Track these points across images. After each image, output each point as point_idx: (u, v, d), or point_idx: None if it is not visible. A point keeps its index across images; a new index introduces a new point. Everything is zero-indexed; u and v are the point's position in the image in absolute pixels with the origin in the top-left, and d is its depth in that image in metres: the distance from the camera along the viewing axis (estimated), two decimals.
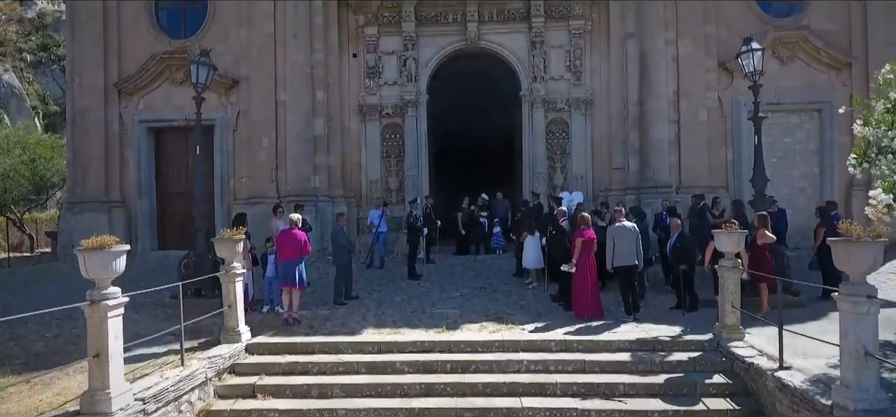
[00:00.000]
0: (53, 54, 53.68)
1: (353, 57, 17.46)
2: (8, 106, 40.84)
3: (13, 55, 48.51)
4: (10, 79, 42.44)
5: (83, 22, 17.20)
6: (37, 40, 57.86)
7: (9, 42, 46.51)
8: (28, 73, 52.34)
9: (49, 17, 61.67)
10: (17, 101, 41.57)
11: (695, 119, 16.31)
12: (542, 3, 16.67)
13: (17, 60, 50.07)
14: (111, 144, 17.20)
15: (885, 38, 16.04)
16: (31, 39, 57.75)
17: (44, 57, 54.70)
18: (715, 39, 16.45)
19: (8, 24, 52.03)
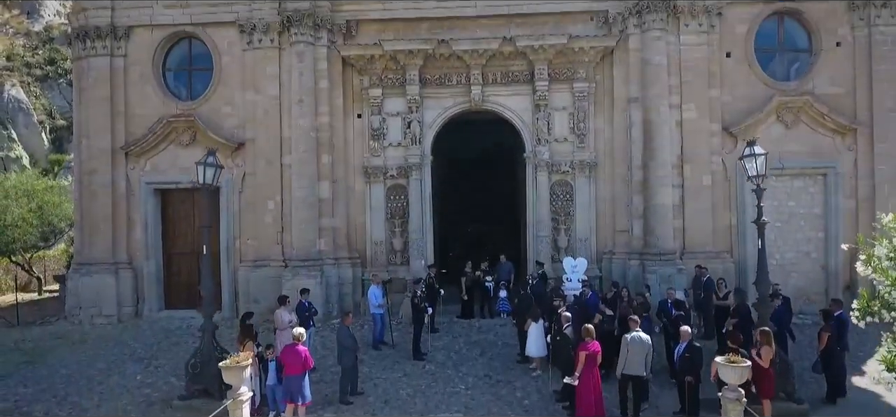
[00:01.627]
0: (60, 68, 54.02)
1: (357, 118, 17.54)
2: (15, 120, 41.14)
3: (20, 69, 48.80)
4: (17, 94, 42.73)
5: (90, 84, 17.35)
6: (44, 54, 58.23)
7: (16, 56, 46.79)
8: (35, 87, 52.66)
9: (56, 31, 62.03)
10: (24, 116, 41.89)
11: (699, 183, 16.33)
12: (545, 66, 16.69)
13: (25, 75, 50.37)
14: (118, 206, 17.36)
15: (890, 104, 16.08)
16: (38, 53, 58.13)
17: (51, 71, 55.08)
18: (719, 103, 16.47)
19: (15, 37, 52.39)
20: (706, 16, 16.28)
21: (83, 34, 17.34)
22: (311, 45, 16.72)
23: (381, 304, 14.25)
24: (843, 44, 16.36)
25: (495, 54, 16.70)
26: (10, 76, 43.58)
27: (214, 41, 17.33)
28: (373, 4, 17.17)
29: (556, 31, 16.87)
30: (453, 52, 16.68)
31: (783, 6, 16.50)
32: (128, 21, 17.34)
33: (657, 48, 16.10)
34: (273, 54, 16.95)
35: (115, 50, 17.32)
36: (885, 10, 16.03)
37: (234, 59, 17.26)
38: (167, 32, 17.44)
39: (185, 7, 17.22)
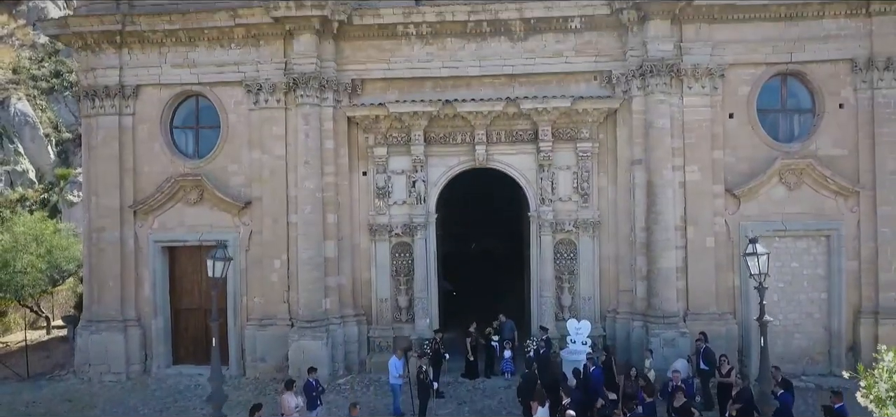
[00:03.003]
0: (66, 80, 54.29)
1: (363, 175, 17.71)
2: (21, 134, 41.41)
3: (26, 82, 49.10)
4: (24, 107, 42.99)
5: (99, 142, 17.57)
6: (49, 67, 58.54)
7: (22, 69, 47.09)
8: (41, 100, 52.94)
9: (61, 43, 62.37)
10: (30, 129, 42.16)
11: (702, 245, 16.42)
12: (549, 126, 16.82)
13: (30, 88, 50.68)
14: (127, 262, 17.56)
15: (893, 167, 16.18)
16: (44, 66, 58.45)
17: (56, 83, 55.33)
18: (722, 164, 16.56)
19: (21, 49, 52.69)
20: (709, 78, 16.39)
21: (92, 93, 17.56)
22: (316, 107, 16.90)
23: (401, 375, 14.32)
24: (845, 105, 16.43)
25: (500, 114, 16.84)
26: (16, 89, 43.81)
27: (221, 100, 17.53)
28: (378, 64, 17.34)
29: (559, 91, 17.02)
30: (458, 112, 16.83)
31: (786, 67, 16.58)
32: (136, 80, 17.56)
33: (660, 111, 16.21)
34: (279, 114, 17.14)
35: (123, 108, 17.55)
36: (887, 73, 16.10)
37: (240, 117, 17.46)
38: (175, 91, 17.66)
39: (192, 67, 17.44)
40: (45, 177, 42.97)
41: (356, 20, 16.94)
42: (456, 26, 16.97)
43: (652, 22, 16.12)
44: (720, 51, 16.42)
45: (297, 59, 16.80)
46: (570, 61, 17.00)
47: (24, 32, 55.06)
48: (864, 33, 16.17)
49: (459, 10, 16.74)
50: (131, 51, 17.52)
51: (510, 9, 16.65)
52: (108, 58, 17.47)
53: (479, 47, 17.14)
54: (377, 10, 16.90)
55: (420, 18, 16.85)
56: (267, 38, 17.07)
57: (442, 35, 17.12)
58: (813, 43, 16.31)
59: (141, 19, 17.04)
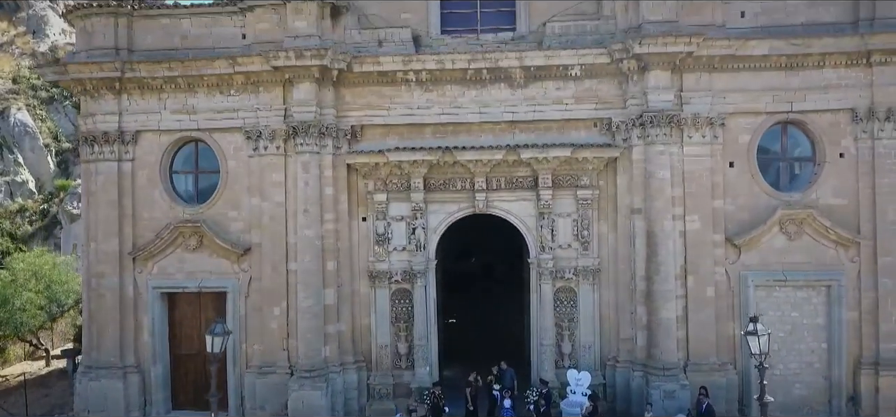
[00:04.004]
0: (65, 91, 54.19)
1: (362, 221, 17.68)
2: (21, 144, 41.35)
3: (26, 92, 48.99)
4: (24, 118, 42.93)
5: (98, 188, 17.54)
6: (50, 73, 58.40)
7: (22, 79, 47.02)
8: (41, 110, 52.83)
9: (61, 52, 62.34)
10: (30, 139, 42.11)
11: (702, 295, 16.39)
12: (549, 174, 16.79)
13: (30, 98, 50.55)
14: (126, 309, 17.53)
15: (893, 217, 16.16)
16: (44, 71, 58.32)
17: (56, 93, 55.21)
18: (722, 213, 16.53)
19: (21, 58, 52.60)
20: (709, 127, 16.37)
21: (91, 139, 17.54)
22: (316, 154, 16.88)
23: None
24: (846, 155, 16.41)
25: (500, 162, 16.81)
26: (15, 100, 43.74)
27: (221, 146, 17.50)
28: (378, 111, 17.32)
29: (560, 138, 17.03)
30: (457, 160, 16.80)
31: (787, 116, 16.55)
32: (135, 126, 17.54)
33: (661, 162, 16.19)
34: (278, 161, 17.11)
35: (122, 154, 17.52)
36: (888, 124, 16.09)
37: (240, 163, 17.44)
38: (174, 137, 17.64)
39: (192, 113, 17.41)
40: (45, 188, 42.92)
41: (356, 68, 16.92)
42: (456, 73, 16.95)
43: (652, 72, 16.10)
44: (720, 100, 16.40)
45: (297, 107, 16.78)
46: (570, 109, 16.98)
47: (24, 41, 54.98)
48: (865, 83, 16.15)
49: (459, 59, 16.72)
50: (131, 96, 17.50)
51: (510, 57, 16.63)
52: (108, 103, 17.45)
53: (479, 94, 17.12)
54: (377, 58, 16.88)
55: (420, 66, 16.83)
56: (266, 85, 17.05)
57: (442, 82, 17.10)
58: (813, 92, 16.29)
59: (140, 66, 17.01)
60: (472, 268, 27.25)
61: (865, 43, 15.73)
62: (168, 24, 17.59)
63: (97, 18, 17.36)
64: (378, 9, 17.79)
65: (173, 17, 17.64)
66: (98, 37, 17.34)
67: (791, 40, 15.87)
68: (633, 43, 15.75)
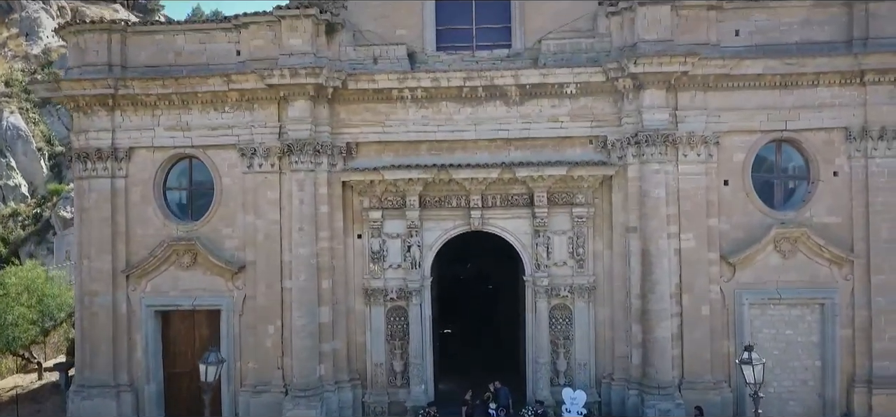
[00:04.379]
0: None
1: (357, 238, 17.63)
2: (14, 148, 41.04)
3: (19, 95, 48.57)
4: (16, 121, 42.62)
5: (91, 205, 17.42)
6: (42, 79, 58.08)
7: (15, 82, 46.67)
8: (33, 114, 52.37)
9: (54, 54, 61.91)
10: (22, 143, 41.82)
11: (697, 313, 16.41)
12: (544, 192, 16.79)
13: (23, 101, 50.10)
14: (119, 327, 17.42)
15: (886, 236, 16.22)
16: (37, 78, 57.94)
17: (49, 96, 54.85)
18: (717, 231, 16.57)
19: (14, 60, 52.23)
20: (704, 145, 16.40)
21: (84, 156, 17.40)
22: (311, 172, 16.82)
23: None
24: (840, 173, 16.49)
25: (495, 180, 16.80)
26: (8, 103, 43.37)
27: (215, 163, 17.42)
28: (373, 128, 17.28)
29: (555, 155, 17.07)
30: (453, 178, 16.78)
31: (781, 135, 16.61)
32: (129, 143, 17.43)
33: (656, 180, 16.20)
34: (273, 179, 17.04)
35: (115, 171, 17.41)
36: (881, 143, 16.17)
37: (234, 180, 17.35)
38: (168, 154, 17.54)
39: (186, 130, 17.32)
40: (38, 192, 42.60)
41: (351, 85, 16.88)
42: (451, 91, 16.94)
43: (647, 91, 16.13)
44: (715, 118, 16.44)
45: (292, 125, 16.72)
46: (565, 126, 16.98)
47: (16, 43, 54.59)
48: (858, 102, 16.24)
49: (455, 76, 16.70)
50: (124, 113, 17.39)
51: (506, 75, 16.63)
52: (101, 120, 17.33)
53: (474, 111, 17.10)
54: (372, 75, 16.84)
55: (415, 83, 16.80)
56: (261, 102, 16.98)
57: (437, 99, 17.08)
58: (807, 111, 16.35)
59: (134, 83, 16.91)
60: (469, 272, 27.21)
61: (859, 62, 15.82)
62: (162, 41, 17.50)
63: (90, 35, 17.26)
64: (373, 25, 17.77)
65: (167, 34, 17.57)
66: (91, 53, 17.23)
67: (785, 60, 15.94)
68: (628, 62, 15.77)
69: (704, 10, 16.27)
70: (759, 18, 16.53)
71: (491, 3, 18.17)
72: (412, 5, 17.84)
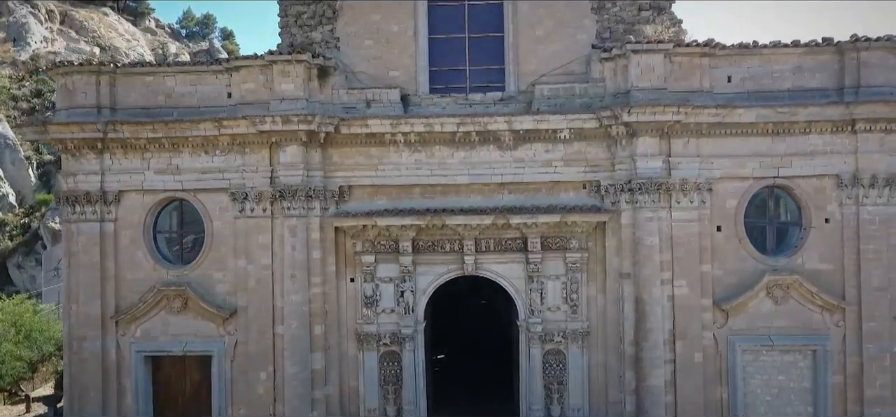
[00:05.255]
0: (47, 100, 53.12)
1: (350, 281, 17.51)
2: (1, 157, 40.63)
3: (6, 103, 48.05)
4: (3, 129, 42.16)
5: (80, 249, 17.17)
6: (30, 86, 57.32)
7: (2, 89, 46.21)
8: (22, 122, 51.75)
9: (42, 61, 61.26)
10: (10, 152, 41.37)
11: (690, 360, 16.42)
12: (538, 238, 16.75)
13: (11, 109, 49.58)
14: (108, 372, 17.17)
15: (877, 284, 16.30)
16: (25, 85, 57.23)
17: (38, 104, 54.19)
18: (710, 277, 16.59)
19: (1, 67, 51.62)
20: (697, 192, 16.42)
21: (73, 199, 17.15)
22: (303, 218, 16.69)
23: None
24: (831, 220, 16.55)
25: (489, 225, 16.74)
26: None
27: (206, 206, 17.22)
28: (366, 171, 17.17)
29: (549, 199, 17.03)
30: (446, 224, 16.70)
31: (773, 181, 16.66)
32: (118, 186, 17.20)
33: (649, 228, 16.20)
34: (265, 223, 16.89)
35: (104, 215, 17.17)
36: (872, 191, 16.25)
37: (225, 224, 17.17)
38: (158, 197, 17.31)
39: (176, 173, 17.12)
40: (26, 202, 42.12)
41: (343, 129, 16.76)
42: (444, 135, 16.85)
43: (641, 139, 16.13)
44: (708, 164, 16.46)
45: (284, 171, 16.59)
46: (559, 171, 16.95)
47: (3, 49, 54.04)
48: (850, 150, 16.31)
49: (448, 122, 16.63)
50: (113, 156, 17.17)
51: (499, 121, 16.57)
52: (90, 163, 17.10)
53: (468, 155, 17.03)
54: (365, 120, 16.73)
55: (408, 128, 16.71)
56: (252, 145, 16.82)
57: (430, 143, 16.99)
58: (799, 158, 16.41)
59: (123, 127, 16.69)
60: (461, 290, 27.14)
61: (850, 112, 15.90)
62: (152, 82, 17.29)
63: (78, 76, 17.03)
64: (366, 66, 17.71)
65: (157, 75, 17.34)
66: (79, 95, 16.99)
67: (777, 108, 15.98)
68: (621, 111, 15.77)
69: (697, 57, 16.29)
70: (751, 64, 16.58)
71: (485, 42, 18.16)
72: (406, 46, 17.79)
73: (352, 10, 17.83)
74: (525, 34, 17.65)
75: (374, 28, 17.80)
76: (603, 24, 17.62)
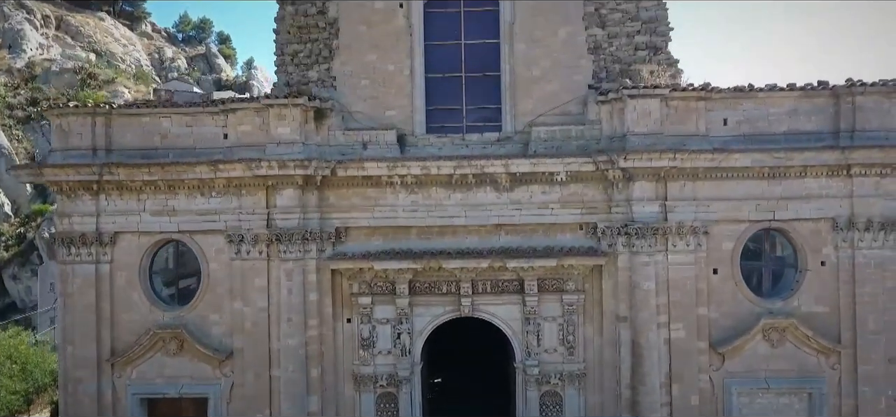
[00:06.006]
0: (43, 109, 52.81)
1: (347, 322, 17.50)
2: None
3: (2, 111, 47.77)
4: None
5: (75, 291, 17.12)
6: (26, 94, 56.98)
7: None
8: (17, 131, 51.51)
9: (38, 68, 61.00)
10: (5, 161, 41.18)
11: (687, 402, 16.46)
12: (534, 281, 16.77)
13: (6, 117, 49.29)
14: (104, 414, 17.11)
15: (873, 327, 16.36)
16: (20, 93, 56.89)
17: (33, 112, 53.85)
18: (706, 320, 16.62)
19: None
20: (693, 235, 16.45)
21: (68, 240, 17.08)
22: (299, 261, 16.67)
23: None
24: (827, 263, 16.59)
25: (486, 267, 16.74)
26: None
27: (202, 248, 17.19)
28: (362, 213, 17.16)
29: (545, 240, 17.07)
30: (443, 267, 16.70)
31: (769, 224, 16.70)
32: (114, 227, 17.15)
33: (646, 273, 16.23)
34: (261, 265, 16.86)
35: (100, 256, 17.12)
36: (867, 234, 16.29)
37: (221, 266, 17.14)
38: (154, 239, 17.27)
39: (172, 215, 17.08)
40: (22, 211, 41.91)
41: (340, 172, 16.74)
42: (441, 178, 16.85)
43: (637, 183, 16.16)
44: (704, 207, 16.49)
45: (280, 214, 16.58)
46: (555, 213, 16.96)
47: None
48: (845, 193, 16.36)
49: (445, 165, 16.63)
50: (109, 197, 17.11)
51: (496, 164, 16.58)
52: (85, 204, 17.04)
53: (465, 197, 17.02)
54: (361, 163, 16.71)
55: (405, 171, 16.70)
56: (249, 187, 16.79)
57: (427, 184, 16.98)
58: (795, 201, 16.45)
59: (119, 170, 16.64)
60: None
61: (846, 157, 15.95)
62: (148, 123, 17.25)
63: (74, 118, 16.98)
64: (363, 106, 17.69)
65: (153, 116, 17.29)
66: (75, 137, 16.95)
67: (773, 153, 16.02)
68: (618, 157, 15.79)
69: (694, 101, 16.34)
70: (747, 107, 16.61)
71: (482, 81, 18.16)
72: (402, 86, 17.77)
73: (348, 50, 17.82)
74: (522, 74, 17.66)
75: (370, 68, 17.78)
76: (599, 63, 17.63)
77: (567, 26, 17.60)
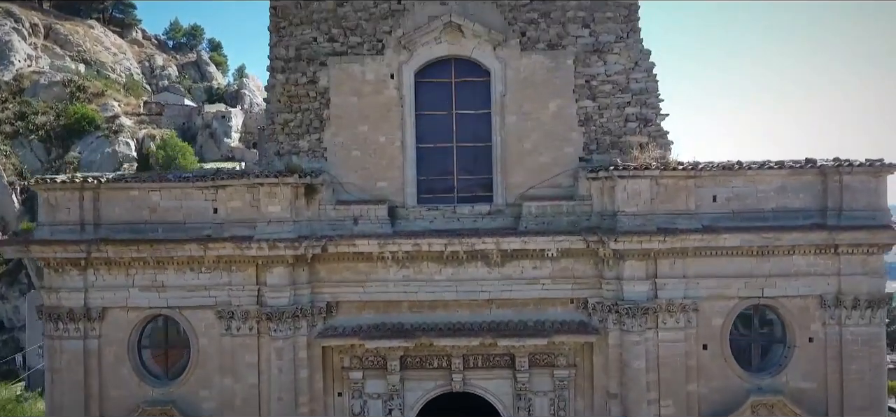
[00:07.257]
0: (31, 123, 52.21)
1: (338, 396, 17.46)
2: None
3: None
4: None
5: (63, 367, 16.95)
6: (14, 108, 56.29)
7: None
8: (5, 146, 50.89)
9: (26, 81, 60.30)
10: None
11: None
12: (525, 357, 16.82)
13: None
14: None
15: (860, 403, 16.52)
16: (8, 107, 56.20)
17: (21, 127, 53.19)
18: (696, 396, 16.71)
19: None
20: (683, 312, 16.52)
21: (56, 316, 16.91)
22: (290, 339, 16.61)
23: None
24: (815, 340, 16.74)
25: (477, 345, 16.77)
26: None
27: (191, 323, 17.08)
28: (353, 288, 17.14)
29: (536, 314, 17.17)
30: (434, 344, 16.70)
31: (758, 301, 16.82)
32: (102, 303, 17.00)
33: (636, 352, 16.30)
34: (252, 342, 16.79)
35: (88, 331, 16.95)
36: (855, 312, 16.44)
37: (211, 341, 17.03)
38: (143, 314, 17.15)
39: (161, 290, 16.96)
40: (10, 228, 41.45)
41: (331, 249, 16.70)
42: (433, 253, 16.84)
43: (628, 262, 16.23)
44: (694, 285, 16.58)
45: (271, 292, 16.52)
46: (546, 288, 17.03)
47: None
48: (833, 271, 16.50)
49: (436, 242, 16.64)
50: (97, 272, 16.95)
51: (487, 242, 16.61)
52: (73, 279, 16.88)
53: (455, 271, 17.03)
54: (352, 240, 16.68)
55: (396, 248, 16.69)
56: (239, 264, 16.71)
57: (418, 259, 16.98)
58: (783, 279, 16.58)
59: (107, 247, 16.50)
60: None
61: (833, 237, 16.09)
62: (137, 197, 17.11)
63: (61, 192, 16.81)
64: (354, 177, 17.69)
65: (142, 190, 17.15)
66: (62, 211, 16.78)
67: (762, 233, 16.14)
68: (608, 238, 15.85)
69: (683, 179, 16.41)
70: (736, 185, 16.72)
71: (473, 149, 18.17)
72: (393, 158, 17.76)
73: (339, 120, 17.78)
74: (513, 146, 17.69)
75: (361, 138, 17.76)
76: (590, 135, 17.70)
77: (558, 98, 17.65)
